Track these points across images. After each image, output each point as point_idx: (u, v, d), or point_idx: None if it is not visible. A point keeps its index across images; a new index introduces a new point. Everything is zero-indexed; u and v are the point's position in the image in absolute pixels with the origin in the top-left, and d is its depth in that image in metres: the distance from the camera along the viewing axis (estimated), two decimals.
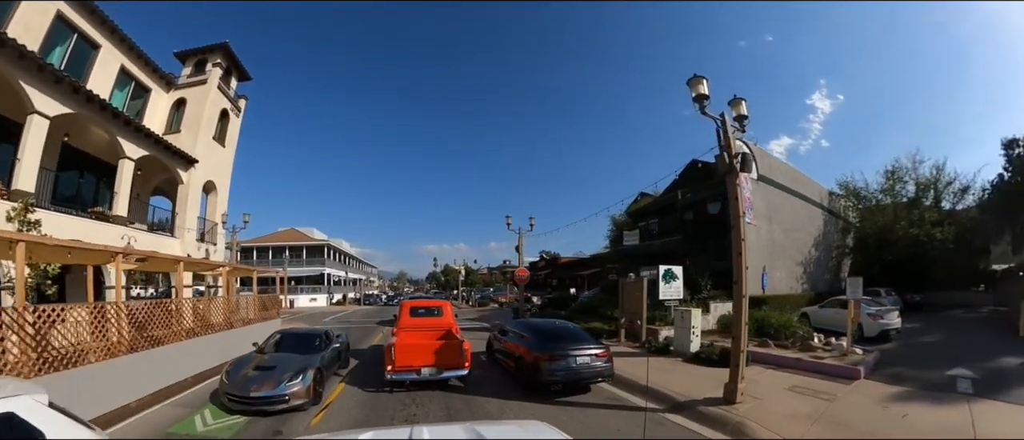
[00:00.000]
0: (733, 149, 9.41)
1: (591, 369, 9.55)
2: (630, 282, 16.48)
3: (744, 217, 9.35)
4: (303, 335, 10.93)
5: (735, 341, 8.94)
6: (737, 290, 8.90)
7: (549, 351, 9.45)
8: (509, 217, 22.72)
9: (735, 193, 9.20)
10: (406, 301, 14.53)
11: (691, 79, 9.35)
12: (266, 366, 8.65)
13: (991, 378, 10.16)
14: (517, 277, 22.55)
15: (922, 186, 25.54)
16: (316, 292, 54.14)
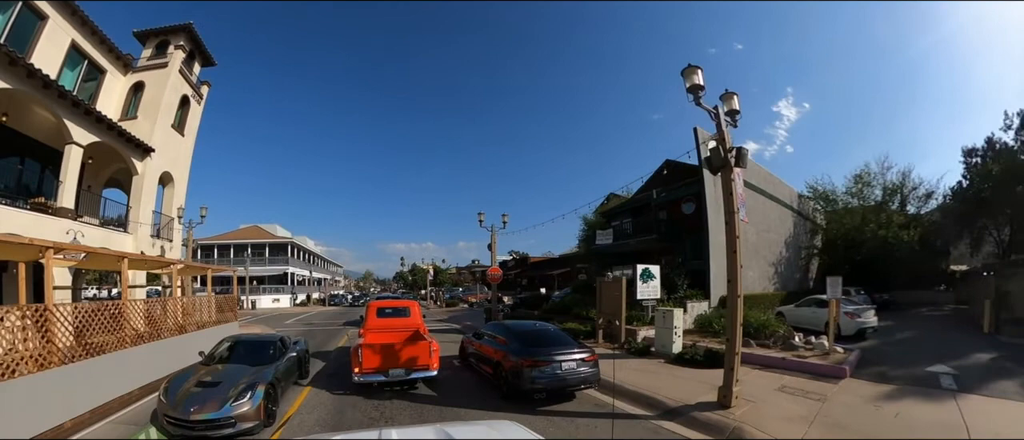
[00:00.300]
0: (727, 143, 8.95)
1: (577, 375, 8.88)
2: (608, 281, 16.06)
3: (738, 214, 8.91)
4: (255, 343, 9.46)
5: (730, 343, 8.58)
6: (731, 289, 8.51)
7: (532, 356, 8.75)
8: (482, 214, 22.08)
9: (730, 188, 8.80)
10: (373, 302, 14.37)
11: (686, 69, 8.95)
12: (210, 381, 7.36)
13: (969, 374, 10.46)
14: (490, 276, 21.79)
15: (889, 190, 26.65)
16: (279, 293, 51.86)
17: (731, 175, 8.94)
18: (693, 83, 8.77)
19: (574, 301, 21.51)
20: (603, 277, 15.97)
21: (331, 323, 27.11)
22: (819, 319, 15.64)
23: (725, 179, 8.95)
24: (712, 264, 18.62)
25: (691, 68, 8.86)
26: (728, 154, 8.87)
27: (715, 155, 8.84)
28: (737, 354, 8.48)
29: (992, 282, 17.27)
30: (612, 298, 15.32)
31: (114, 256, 10.22)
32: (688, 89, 8.83)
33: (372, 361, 9.24)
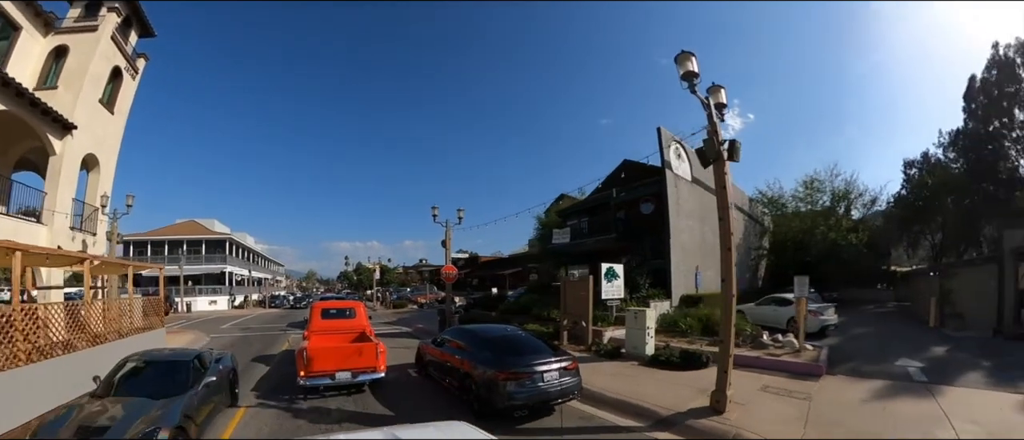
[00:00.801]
0: (720, 136, 8.46)
1: (560, 387, 7.87)
2: (574, 280, 15.40)
3: (731, 208, 8.44)
4: (163, 364, 7.11)
5: (724, 345, 8.16)
6: (726, 288, 8.06)
7: (508, 368, 7.63)
8: (435, 208, 20.64)
9: (723, 182, 8.32)
10: (317, 303, 14.26)
11: (679, 55, 8.47)
12: (95, 426, 5.18)
13: (933, 366, 10.95)
14: (444, 275, 20.42)
15: (837, 196, 27.97)
16: (216, 294, 47.39)
17: (725, 168, 8.46)
18: (687, 70, 8.32)
19: (532, 301, 20.78)
20: (568, 276, 15.21)
21: (271, 327, 24.89)
22: (780, 317, 15.75)
23: (718, 173, 8.50)
24: (673, 263, 18.47)
25: (685, 55, 8.38)
26: (721, 146, 8.37)
27: (709, 147, 8.35)
28: (730, 356, 8.05)
29: (937, 282, 18.26)
30: (578, 298, 14.63)
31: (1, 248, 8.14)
32: (682, 76, 8.38)
33: (317, 364, 8.90)
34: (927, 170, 27.31)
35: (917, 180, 26.98)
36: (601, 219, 22.94)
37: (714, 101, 8.84)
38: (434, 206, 20.61)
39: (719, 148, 8.33)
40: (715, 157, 8.36)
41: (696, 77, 8.23)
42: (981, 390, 8.89)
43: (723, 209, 8.36)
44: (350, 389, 9.30)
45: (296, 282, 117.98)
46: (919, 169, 28.34)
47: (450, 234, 21.08)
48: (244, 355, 14.46)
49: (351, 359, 9.24)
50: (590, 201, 25.03)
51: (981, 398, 8.40)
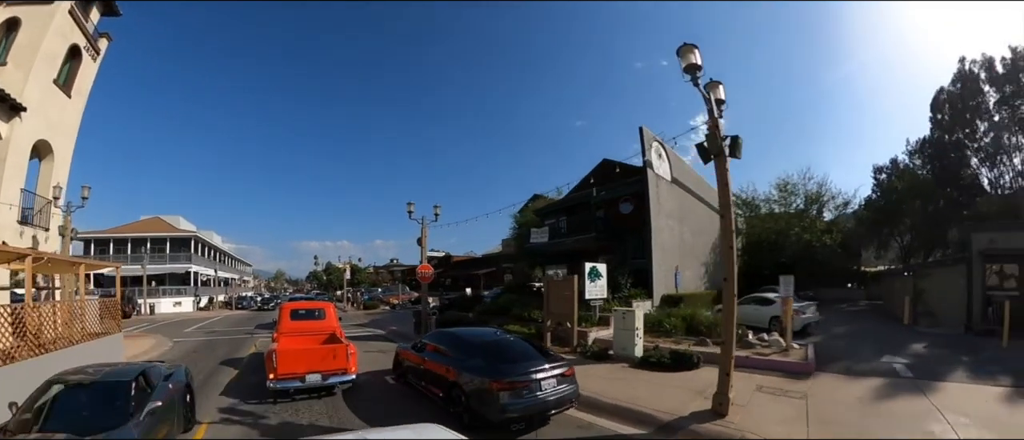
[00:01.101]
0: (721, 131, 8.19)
1: (558, 395, 7.33)
2: (558, 280, 14.93)
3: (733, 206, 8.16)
4: (98, 387, 5.42)
5: (726, 347, 7.92)
6: (727, 288, 7.84)
7: (503, 376, 7.00)
8: (411, 204, 19.77)
9: (726, 179, 8.05)
10: (286, 303, 14.02)
11: (681, 48, 8.21)
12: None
13: (916, 362, 11.21)
14: (420, 275, 19.64)
15: (810, 199, 28.81)
16: (181, 295, 44.70)
17: (726, 165, 8.19)
18: (690, 62, 8.08)
19: (510, 302, 20.33)
20: (546, 276, 14.74)
21: (237, 330, 23.53)
22: (762, 316, 15.81)
23: (720, 169, 8.23)
24: (655, 263, 18.35)
25: (687, 47, 8.16)
26: (722, 142, 8.10)
27: (711, 142, 8.10)
28: (732, 358, 7.83)
29: (910, 281, 18.82)
30: (562, 298, 14.19)
31: None
32: (685, 69, 8.14)
33: (287, 366, 8.74)
34: (896, 175, 28.52)
35: (887, 184, 28.20)
36: (580, 218, 22.72)
37: (714, 97, 8.61)
38: (410, 202, 19.82)
39: (721, 144, 8.09)
40: (717, 153, 8.12)
41: (699, 70, 8.00)
42: (964, 384, 9.24)
43: (725, 207, 8.15)
44: (321, 392, 9.13)
45: (264, 282, 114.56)
46: (888, 174, 29.58)
47: (426, 232, 20.33)
48: (209, 361, 13.69)
49: (321, 361, 9.08)
50: (568, 200, 24.78)
51: (966, 392, 8.74)
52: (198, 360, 13.52)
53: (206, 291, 49.20)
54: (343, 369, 9.14)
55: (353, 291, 45.36)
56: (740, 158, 8.43)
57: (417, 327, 18.80)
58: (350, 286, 44.57)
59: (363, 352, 13.73)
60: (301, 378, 8.72)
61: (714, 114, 8.26)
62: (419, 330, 18.28)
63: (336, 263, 62.40)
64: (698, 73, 7.95)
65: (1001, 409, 7.71)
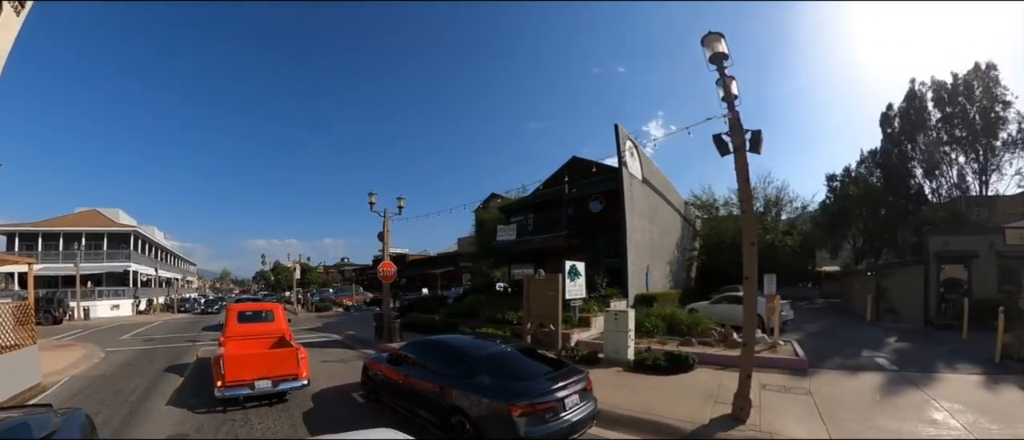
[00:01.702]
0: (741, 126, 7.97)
1: (583, 413, 6.32)
2: (540, 279, 14.41)
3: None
4: None
5: (747, 348, 7.64)
6: (749, 286, 7.58)
7: (524, 398, 5.85)
8: (372, 195, 18.36)
9: (746, 174, 7.83)
10: (233, 305, 13.61)
11: (706, 37, 7.96)
12: None
13: (895, 357, 11.95)
14: (382, 273, 18.28)
15: (770, 202, 30.20)
16: (120, 296, 39.83)
17: (746, 160, 8.00)
18: (715, 51, 7.85)
19: (478, 303, 19.61)
20: (534, 274, 14.20)
21: (178, 337, 21.35)
22: (738, 315, 15.87)
23: (741, 163, 8.02)
24: (630, 262, 18.29)
25: (713, 36, 8.01)
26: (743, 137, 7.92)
27: (736, 135, 7.80)
28: (752, 360, 7.75)
29: (873, 280, 19.95)
30: (545, 299, 13.69)
31: None
32: (710, 59, 8.01)
33: (235, 373, 8.46)
34: (850, 182, 30.83)
35: (839, 191, 30.53)
36: (548, 216, 22.42)
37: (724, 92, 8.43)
38: (372, 191, 18.36)
39: (742, 138, 7.89)
40: (738, 147, 7.90)
41: (726, 58, 7.76)
42: (945, 375, 10.06)
43: (747, 202, 7.98)
44: (272, 399, 8.86)
45: (209, 283, 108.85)
46: (841, 182, 32.02)
47: (389, 225, 19.05)
48: (145, 374, 12.11)
49: (271, 366, 8.84)
50: (537, 197, 24.41)
51: (949, 381, 9.56)
52: (132, 376, 11.89)
53: (147, 292, 44.40)
54: (294, 375, 8.93)
55: (303, 292, 42.84)
56: (760, 153, 8.29)
57: (379, 332, 17.58)
58: (300, 287, 41.96)
59: (320, 363, 13.00)
60: (250, 385, 8.48)
61: (734, 108, 8.07)
62: (381, 335, 17.08)
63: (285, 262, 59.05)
64: (725, 62, 7.73)
65: (984, 395, 8.62)
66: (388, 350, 13.30)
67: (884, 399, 8.50)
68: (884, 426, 7.11)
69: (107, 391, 10.24)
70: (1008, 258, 16.70)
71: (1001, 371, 10.07)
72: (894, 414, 7.60)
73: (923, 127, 28.55)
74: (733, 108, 8.03)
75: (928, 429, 6.95)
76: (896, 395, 8.69)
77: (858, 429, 6.94)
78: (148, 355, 15.68)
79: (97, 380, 11.44)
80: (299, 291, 40.35)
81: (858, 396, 8.70)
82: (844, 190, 29.93)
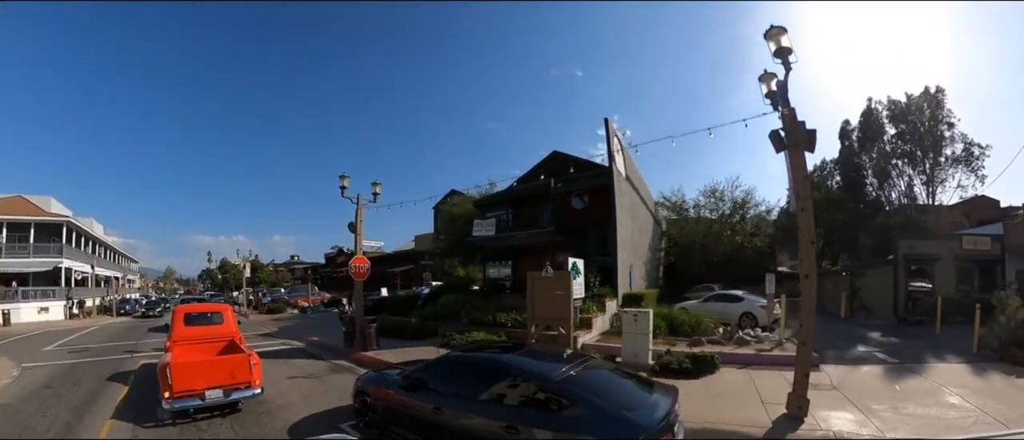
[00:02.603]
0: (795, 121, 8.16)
1: (682, 435, 5.48)
2: (547, 277, 13.68)
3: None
4: None
5: (804, 347, 7.86)
6: (810, 285, 7.77)
7: (644, 432, 4.63)
8: (345, 178, 16.56)
9: (804, 171, 8.05)
10: (180, 306, 13.16)
11: (770, 30, 8.16)
12: None
13: (887, 351, 13.05)
14: (354, 270, 16.18)
15: (737, 205, 31.89)
16: (49, 297, 34.88)
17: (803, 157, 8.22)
18: (781, 46, 8.06)
19: (456, 303, 19.08)
20: (540, 270, 13.69)
21: (116, 346, 18.75)
22: (731, 314, 16.67)
23: (798, 160, 8.20)
24: (619, 261, 18.45)
25: (777, 29, 8.12)
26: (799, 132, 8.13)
27: (797, 133, 7.98)
28: (809, 359, 8.07)
29: (848, 280, 21.45)
30: (552, 299, 13.11)
31: None
32: (775, 54, 8.20)
33: (184, 382, 8.05)
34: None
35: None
36: (528, 212, 22.12)
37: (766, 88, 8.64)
38: (343, 174, 16.58)
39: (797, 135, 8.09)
40: (795, 144, 8.10)
41: (790, 53, 7.89)
42: (938, 364, 11.23)
43: (805, 199, 8.11)
44: (224, 409, 8.49)
45: (152, 282, 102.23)
46: None
47: (362, 214, 17.17)
48: (68, 400, 9.87)
49: (223, 374, 8.51)
50: (515, 192, 24.10)
51: (945, 370, 10.64)
52: (49, 404, 9.65)
53: (82, 292, 39.33)
54: (247, 383, 8.63)
55: (255, 292, 39.89)
56: (813, 152, 8.54)
57: (349, 338, 16.20)
58: (250, 286, 38.89)
59: (286, 379, 11.63)
60: (201, 395, 8.12)
61: (789, 104, 8.24)
62: (352, 342, 15.78)
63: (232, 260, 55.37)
64: (789, 57, 7.87)
65: (978, 381, 9.67)
66: (374, 363, 12.52)
67: (902, 389, 9.21)
68: (915, 412, 7.76)
69: (12, 427, 8.17)
70: (964, 261, 18.79)
71: (980, 359, 11.41)
72: (917, 401, 8.32)
73: (877, 140, 31.91)
74: (788, 105, 8.22)
75: (951, 413, 7.73)
76: (909, 383, 9.56)
77: (898, 419, 7.51)
78: (74, 372, 13.16)
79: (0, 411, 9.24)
80: (249, 291, 37.59)
81: (878, 388, 9.43)
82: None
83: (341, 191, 16.75)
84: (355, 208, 17.13)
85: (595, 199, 20.57)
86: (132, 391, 10.54)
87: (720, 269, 27.74)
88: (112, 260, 56.46)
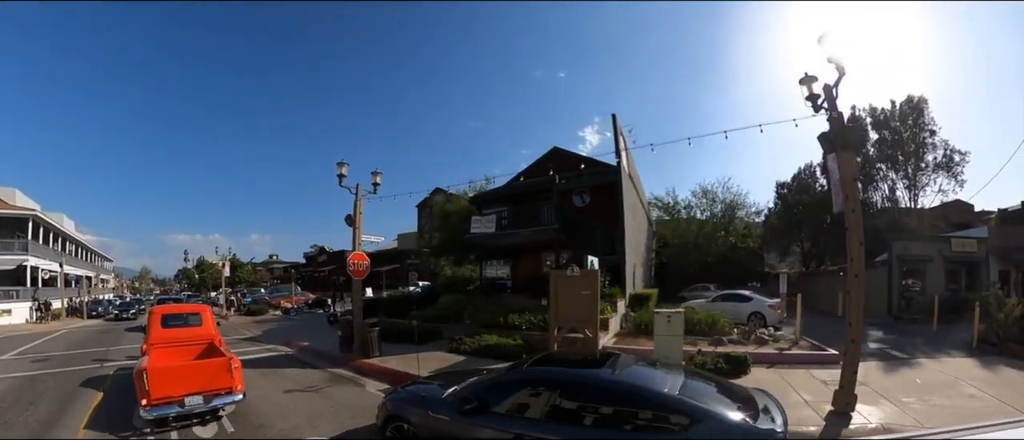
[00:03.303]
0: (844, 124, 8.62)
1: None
2: (572, 276, 13.10)
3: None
4: None
5: (853, 344, 8.25)
6: (857, 284, 8.23)
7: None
8: (343, 165, 15.22)
9: (852, 174, 8.49)
10: (157, 308, 12.83)
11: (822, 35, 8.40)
12: None
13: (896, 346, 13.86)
14: (352, 265, 15.09)
15: (729, 206, 33.32)
16: (12, 299, 32.31)
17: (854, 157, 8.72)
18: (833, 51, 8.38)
19: (459, 304, 18.99)
20: (567, 269, 13.50)
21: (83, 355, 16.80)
22: (741, 313, 17.21)
23: (846, 162, 8.66)
24: (627, 260, 18.81)
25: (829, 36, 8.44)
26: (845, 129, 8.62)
27: (853, 133, 8.44)
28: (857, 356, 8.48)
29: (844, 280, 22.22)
30: (578, 299, 12.50)
31: None
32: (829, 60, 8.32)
33: (162, 389, 7.81)
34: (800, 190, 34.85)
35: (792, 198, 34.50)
36: (528, 209, 21.96)
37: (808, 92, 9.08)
38: (341, 161, 15.17)
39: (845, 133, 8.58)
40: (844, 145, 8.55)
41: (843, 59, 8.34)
42: (945, 359, 12.13)
43: (854, 200, 8.56)
44: (204, 417, 8.26)
45: (127, 282, 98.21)
46: (790, 189, 36.17)
47: (362, 205, 15.71)
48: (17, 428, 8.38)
49: (203, 380, 8.29)
50: (514, 188, 24.00)
51: (953, 364, 11.57)
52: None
53: (51, 293, 36.80)
54: (228, 388, 8.44)
55: (235, 293, 38.51)
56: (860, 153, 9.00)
57: (345, 343, 15.09)
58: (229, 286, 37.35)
59: (282, 392, 10.56)
60: (180, 402, 7.89)
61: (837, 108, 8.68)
62: (349, 346, 14.66)
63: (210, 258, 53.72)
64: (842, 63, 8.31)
65: (986, 373, 10.58)
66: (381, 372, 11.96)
67: (922, 382, 9.90)
68: (942, 403, 8.44)
69: None
70: (952, 262, 20.07)
71: (982, 353, 12.40)
72: (940, 393, 9.00)
73: (862, 145, 32.89)
74: (836, 108, 8.66)
75: (973, 403, 8.45)
76: (926, 378, 10.31)
77: (929, 410, 8.12)
78: (32, 388, 11.42)
79: None
80: (228, 291, 36.35)
81: (899, 382, 10.02)
82: (796, 198, 33.92)
83: (339, 180, 15.39)
84: (354, 199, 15.67)
85: (600, 197, 20.80)
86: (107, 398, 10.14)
87: (716, 269, 28.78)
88: (84, 258, 53.98)
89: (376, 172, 16.15)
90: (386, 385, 10.74)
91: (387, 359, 13.43)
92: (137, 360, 10.10)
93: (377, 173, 16.13)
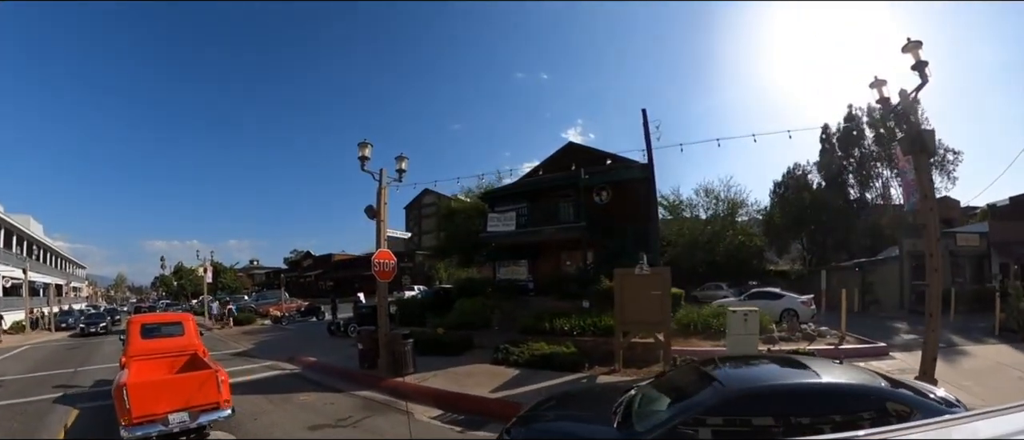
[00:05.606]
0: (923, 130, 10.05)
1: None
2: (639, 275, 12.65)
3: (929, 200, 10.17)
4: None
5: (933, 334, 9.59)
6: (935, 279, 9.64)
7: None
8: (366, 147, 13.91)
9: (928, 174, 9.98)
10: (136, 317, 12.88)
11: (907, 45, 9.64)
12: None
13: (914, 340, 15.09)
14: (376, 265, 13.56)
15: (732, 205, 35.53)
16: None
17: (928, 160, 10.13)
18: (919, 59, 9.59)
19: (483, 308, 19.11)
20: (635, 266, 12.87)
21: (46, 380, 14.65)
22: (774, 310, 18.48)
23: (922, 164, 10.08)
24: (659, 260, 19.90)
25: (913, 44, 9.65)
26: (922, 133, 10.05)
27: (930, 138, 9.86)
28: (936, 346, 9.61)
29: (860, 275, 24.55)
30: (647, 300, 12.10)
31: None
32: (912, 67, 9.69)
33: (144, 406, 7.54)
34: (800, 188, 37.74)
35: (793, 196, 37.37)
36: (545, 207, 22.76)
37: (878, 96, 10.61)
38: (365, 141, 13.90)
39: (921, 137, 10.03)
40: (922, 149, 10.02)
41: (926, 65, 9.68)
42: (977, 346, 13.77)
43: (931, 199, 10.01)
44: (189, 435, 7.95)
45: (102, 290, 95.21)
46: (786, 187, 39.04)
47: (385, 194, 14.40)
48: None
49: (188, 395, 8.01)
50: (530, 185, 24.61)
51: (985, 350, 13.26)
52: None
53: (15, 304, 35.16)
54: (215, 403, 8.24)
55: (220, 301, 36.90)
56: (933, 157, 10.57)
57: (367, 359, 13.74)
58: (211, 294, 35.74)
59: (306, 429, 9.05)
60: (163, 420, 7.63)
61: (918, 113, 10.17)
62: (372, 362, 13.44)
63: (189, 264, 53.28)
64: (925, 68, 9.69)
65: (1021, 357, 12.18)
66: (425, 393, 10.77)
67: (971, 369, 11.25)
68: (998, 386, 9.80)
69: None
70: (957, 257, 22.46)
71: (1006, 340, 14.27)
72: (991, 377, 10.37)
73: (858, 144, 36.80)
74: (916, 114, 10.15)
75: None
76: (970, 364, 11.73)
77: (989, 392, 9.28)
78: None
79: None
80: (211, 299, 35.22)
81: (949, 368, 10.94)
82: (796, 196, 36.66)
83: (361, 164, 14.12)
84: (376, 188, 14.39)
85: (624, 193, 21.44)
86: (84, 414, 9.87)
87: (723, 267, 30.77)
88: (55, 265, 52.58)
89: (401, 156, 14.90)
90: (437, 410, 9.74)
91: (426, 377, 12.06)
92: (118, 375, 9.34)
93: (402, 158, 14.87)
